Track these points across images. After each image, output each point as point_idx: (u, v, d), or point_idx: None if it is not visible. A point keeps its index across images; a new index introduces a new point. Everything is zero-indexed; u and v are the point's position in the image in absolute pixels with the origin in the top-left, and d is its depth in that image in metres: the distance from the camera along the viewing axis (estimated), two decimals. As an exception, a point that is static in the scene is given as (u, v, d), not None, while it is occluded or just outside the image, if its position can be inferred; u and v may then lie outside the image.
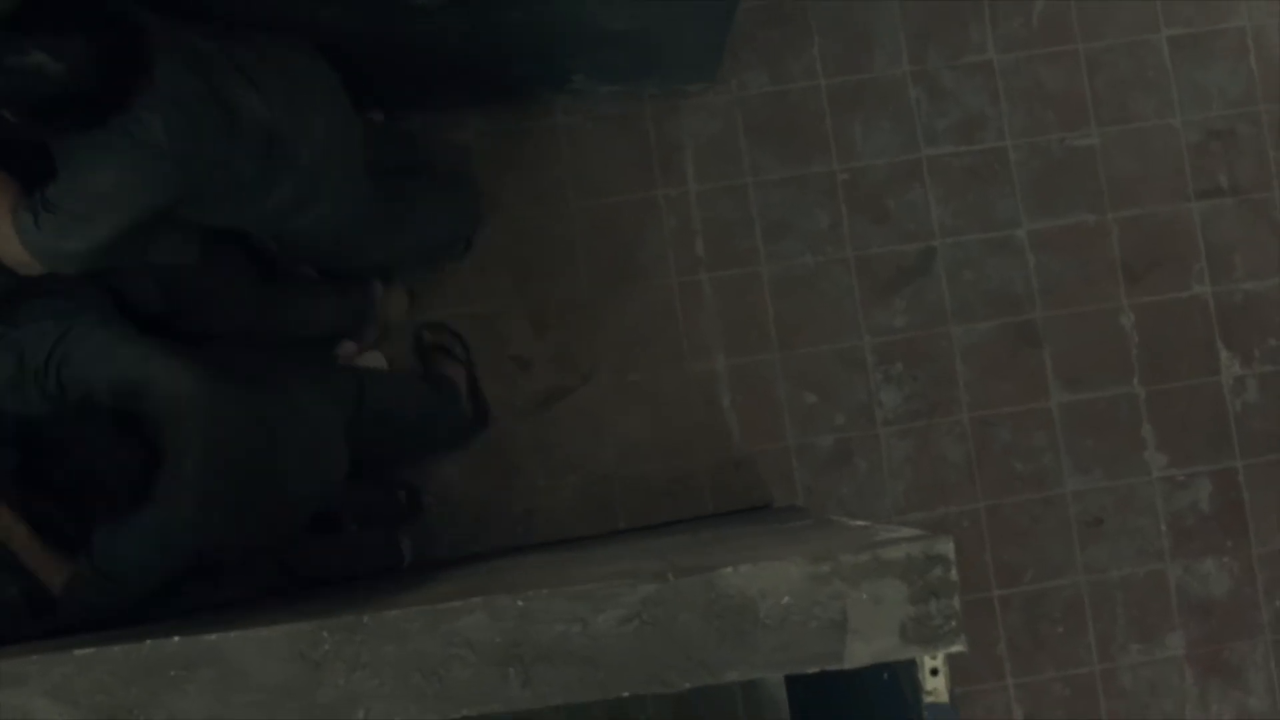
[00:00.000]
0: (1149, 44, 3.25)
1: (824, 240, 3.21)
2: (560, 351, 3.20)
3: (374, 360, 3.10)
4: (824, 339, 3.22)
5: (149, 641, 1.82)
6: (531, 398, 3.19)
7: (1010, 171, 3.22)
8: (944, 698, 2.17)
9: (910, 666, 2.20)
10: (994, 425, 3.21)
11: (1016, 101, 3.23)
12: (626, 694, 2.01)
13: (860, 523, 2.40)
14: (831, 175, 3.22)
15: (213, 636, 1.83)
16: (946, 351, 3.21)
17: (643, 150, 3.23)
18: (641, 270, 3.21)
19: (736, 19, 3.16)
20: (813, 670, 2.07)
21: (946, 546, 2.06)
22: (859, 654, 2.05)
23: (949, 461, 3.18)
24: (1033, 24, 3.23)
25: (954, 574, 2.06)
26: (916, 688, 2.19)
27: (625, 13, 2.67)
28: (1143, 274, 3.23)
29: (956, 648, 2.08)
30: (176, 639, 1.82)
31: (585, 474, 3.18)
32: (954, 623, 2.07)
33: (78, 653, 1.82)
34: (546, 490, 3.19)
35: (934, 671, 2.16)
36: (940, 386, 3.23)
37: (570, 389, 3.19)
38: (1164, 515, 3.21)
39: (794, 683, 2.87)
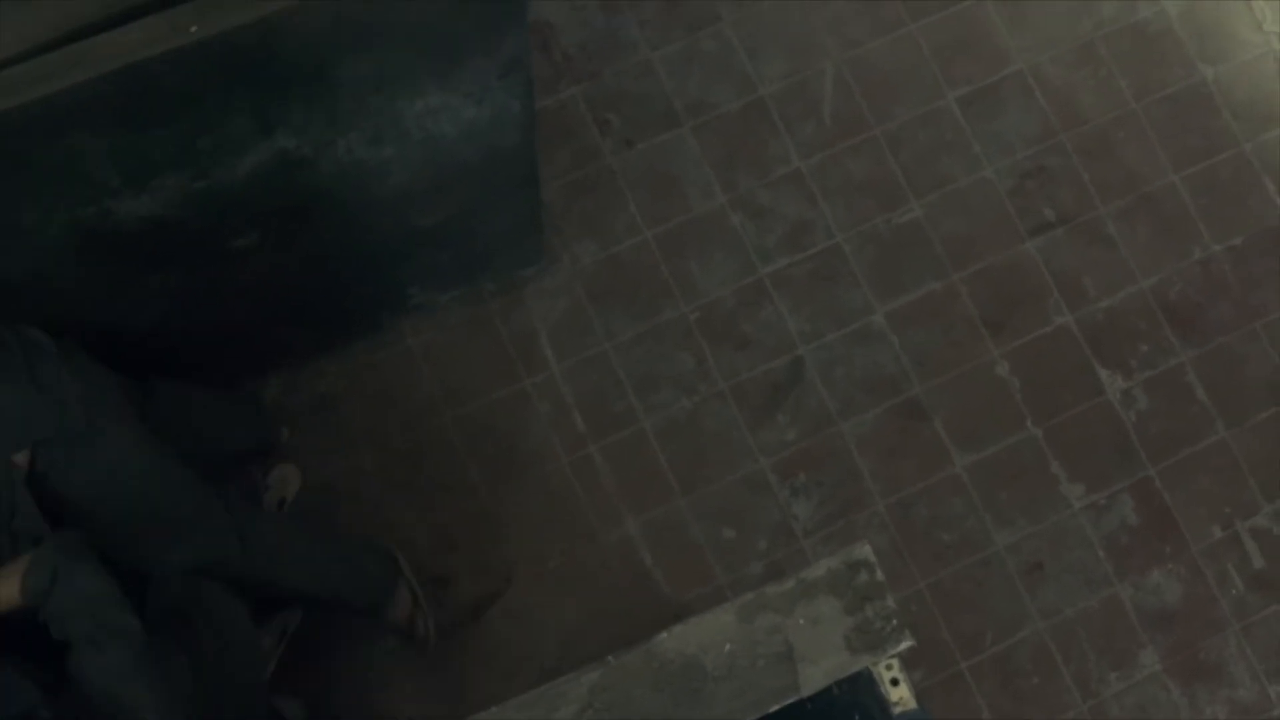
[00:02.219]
0: (940, 110, 3.56)
1: (695, 380, 3.44)
2: (476, 560, 3.38)
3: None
4: (723, 472, 3.42)
5: None
6: (461, 612, 3.36)
7: (849, 264, 3.48)
8: (912, 703, 2.31)
9: (871, 687, 2.33)
10: (910, 505, 3.41)
11: (834, 198, 3.51)
12: (603, 783, 2.13)
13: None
14: (683, 318, 3.47)
15: None
16: (843, 449, 3.42)
17: (499, 347, 3.46)
18: (531, 460, 3.41)
19: (549, 197, 3.42)
20: (774, 707, 2.20)
21: (864, 550, 2.24)
22: (813, 678, 2.21)
23: (878, 551, 3.36)
24: (826, 123, 3.52)
25: (879, 575, 2.23)
26: (883, 706, 2.32)
27: (431, 207, 2.92)
28: (1004, 322, 3.48)
29: (905, 644, 2.23)
30: None
31: (533, 670, 3.34)
32: (894, 621, 2.24)
33: None
34: (500, 696, 3.31)
35: (894, 682, 2.30)
36: (847, 484, 3.43)
37: (497, 594, 3.36)
38: (1098, 541, 3.42)
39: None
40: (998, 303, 3.61)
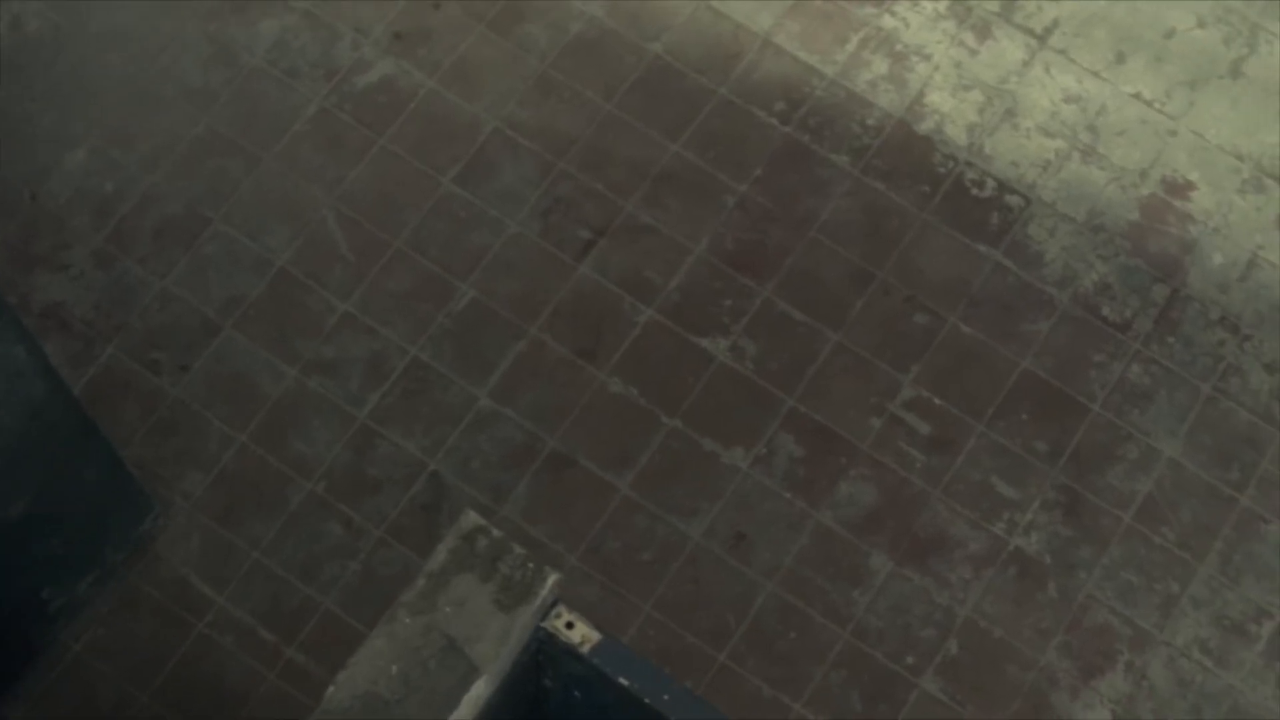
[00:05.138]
0: (444, 197, 4.00)
1: (351, 542, 3.76)
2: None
3: None
4: (421, 608, 3.65)
5: None
6: None
7: (435, 371, 3.86)
8: (595, 634, 2.58)
9: (551, 646, 2.59)
10: (599, 547, 3.74)
11: (388, 319, 3.90)
12: None
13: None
14: (312, 494, 3.80)
15: None
16: (513, 529, 3.76)
17: (159, 610, 3.73)
18: (241, 694, 3.70)
19: (136, 453, 3.70)
20: (465, 698, 2.45)
21: (470, 518, 2.52)
22: (486, 654, 2.50)
23: (590, 602, 3.65)
24: (349, 260, 3.89)
25: (496, 532, 2.52)
26: (576, 655, 2.58)
27: (7, 493, 3.13)
28: (594, 346, 3.87)
29: (552, 578, 2.51)
30: None
31: None
32: (530, 565, 2.54)
33: None
34: None
35: (570, 625, 2.57)
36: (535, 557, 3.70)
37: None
38: (779, 487, 3.78)
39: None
40: (581, 332, 3.99)
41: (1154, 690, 3.79)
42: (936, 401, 3.98)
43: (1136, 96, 4.26)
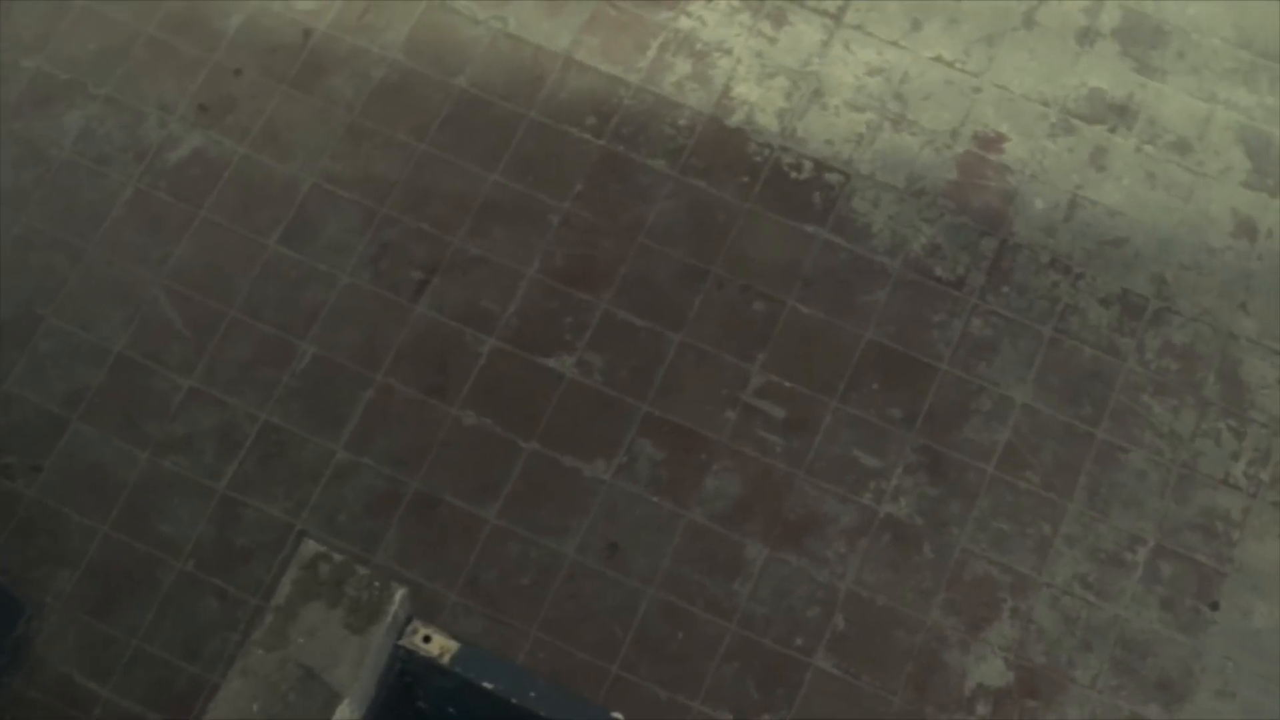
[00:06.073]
0: (272, 258, 4.16)
1: (229, 614, 3.92)
2: None
3: None
4: (307, 668, 3.68)
5: None
6: None
7: (288, 432, 4.02)
8: (454, 645, 2.63)
9: (414, 663, 2.63)
10: (476, 579, 3.83)
11: (237, 389, 4.05)
12: None
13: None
14: (184, 573, 3.88)
15: None
16: (391, 577, 3.73)
17: (47, 712, 3.87)
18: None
19: (1, 557, 3.74)
20: (331, 724, 2.49)
21: (310, 547, 2.56)
22: (347, 678, 2.54)
23: (475, 634, 3.71)
24: (187, 335, 4.00)
25: (337, 556, 2.56)
26: (439, 669, 2.62)
27: None
28: (442, 383, 3.98)
29: (399, 594, 2.56)
30: None
31: None
32: (376, 583, 2.57)
33: None
34: None
35: (426, 639, 2.61)
36: (413, 599, 3.74)
37: None
38: (645, 492, 3.89)
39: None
40: (427, 371, 4.05)
41: (1042, 632, 3.88)
42: (787, 385, 4.06)
43: (937, 59, 4.38)
